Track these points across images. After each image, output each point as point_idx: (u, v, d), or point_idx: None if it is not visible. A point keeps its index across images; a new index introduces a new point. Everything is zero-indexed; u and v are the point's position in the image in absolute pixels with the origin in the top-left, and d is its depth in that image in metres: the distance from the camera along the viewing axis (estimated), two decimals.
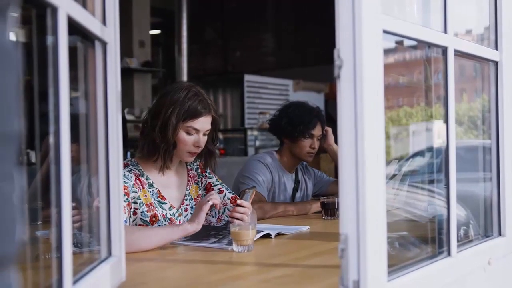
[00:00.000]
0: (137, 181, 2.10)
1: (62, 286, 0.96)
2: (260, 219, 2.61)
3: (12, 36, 0.58)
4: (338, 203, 2.58)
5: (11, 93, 0.54)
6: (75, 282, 1.04)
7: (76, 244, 1.27)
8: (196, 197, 2.30)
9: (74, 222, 1.40)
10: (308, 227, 2.31)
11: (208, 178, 2.35)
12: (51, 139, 0.97)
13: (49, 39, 0.98)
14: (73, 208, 1.38)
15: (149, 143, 2.13)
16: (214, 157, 2.30)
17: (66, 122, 0.98)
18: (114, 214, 1.33)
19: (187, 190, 2.28)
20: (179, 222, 2.18)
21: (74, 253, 1.03)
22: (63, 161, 0.97)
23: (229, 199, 2.29)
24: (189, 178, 2.31)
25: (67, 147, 0.98)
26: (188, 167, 2.33)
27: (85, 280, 1.11)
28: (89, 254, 1.38)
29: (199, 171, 2.35)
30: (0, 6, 0.54)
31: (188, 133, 2.12)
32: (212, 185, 2.34)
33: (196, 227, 1.89)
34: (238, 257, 1.76)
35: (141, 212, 2.08)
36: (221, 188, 2.34)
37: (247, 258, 1.75)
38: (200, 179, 2.34)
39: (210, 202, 1.92)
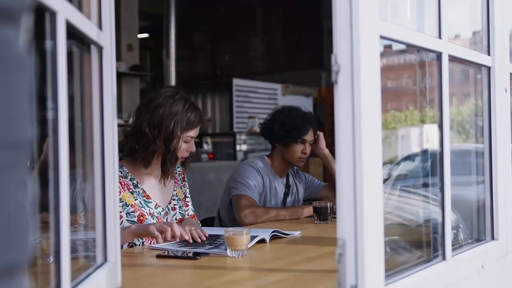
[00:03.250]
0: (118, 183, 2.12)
1: None
2: (252, 224, 2.62)
3: (25, 43, 0.58)
4: (330, 208, 2.58)
5: (25, 99, 0.53)
6: None
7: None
8: (181, 199, 2.39)
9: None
10: (300, 232, 2.31)
11: (186, 188, 2.46)
12: (50, 144, 0.96)
13: (47, 43, 0.97)
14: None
15: (149, 153, 2.19)
16: (191, 155, 2.36)
17: (64, 126, 0.97)
18: (109, 220, 1.32)
19: (174, 190, 2.36)
20: (167, 221, 2.26)
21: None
22: (62, 167, 0.96)
23: (188, 215, 2.39)
24: (176, 180, 2.39)
25: (65, 152, 0.97)
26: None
27: (82, 286, 1.10)
28: (84, 260, 1.37)
29: (181, 177, 2.44)
30: (14, 13, 0.54)
31: (186, 142, 2.23)
32: (186, 196, 2.44)
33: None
34: (232, 262, 1.75)
35: (126, 213, 2.14)
36: (189, 202, 2.45)
37: (242, 263, 1.75)
38: (183, 184, 2.44)
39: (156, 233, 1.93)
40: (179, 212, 2.33)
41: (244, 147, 7.18)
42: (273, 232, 2.13)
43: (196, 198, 2.63)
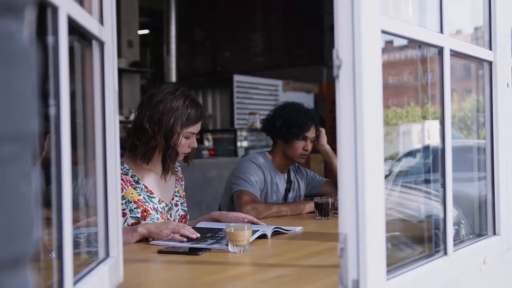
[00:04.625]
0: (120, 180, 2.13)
1: (63, 287, 0.96)
2: None
3: (29, 36, 0.58)
4: (332, 203, 2.58)
5: (29, 93, 0.53)
6: (75, 283, 1.04)
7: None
8: (182, 196, 2.40)
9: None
10: (301, 227, 2.31)
11: (184, 187, 2.47)
12: (52, 141, 0.96)
13: (49, 39, 0.97)
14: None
15: (149, 149, 2.19)
16: (193, 151, 2.36)
17: (67, 122, 0.97)
18: (111, 215, 1.32)
19: (176, 187, 2.37)
20: (170, 216, 2.28)
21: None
22: (64, 163, 0.96)
23: (179, 216, 2.36)
24: (177, 177, 2.40)
25: (68, 148, 0.97)
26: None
27: (85, 281, 1.10)
28: (86, 255, 1.37)
29: (181, 176, 2.45)
30: (17, 6, 0.54)
31: (187, 138, 2.23)
32: (183, 192, 2.45)
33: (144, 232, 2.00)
34: (234, 258, 1.76)
35: (130, 210, 2.14)
36: (184, 202, 2.44)
37: (243, 259, 1.75)
38: (182, 183, 2.46)
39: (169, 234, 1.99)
40: (181, 209, 2.34)
41: (245, 144, 7.18)
42: (274, 228, 2.14)
43: (197, 195, 2.64)
